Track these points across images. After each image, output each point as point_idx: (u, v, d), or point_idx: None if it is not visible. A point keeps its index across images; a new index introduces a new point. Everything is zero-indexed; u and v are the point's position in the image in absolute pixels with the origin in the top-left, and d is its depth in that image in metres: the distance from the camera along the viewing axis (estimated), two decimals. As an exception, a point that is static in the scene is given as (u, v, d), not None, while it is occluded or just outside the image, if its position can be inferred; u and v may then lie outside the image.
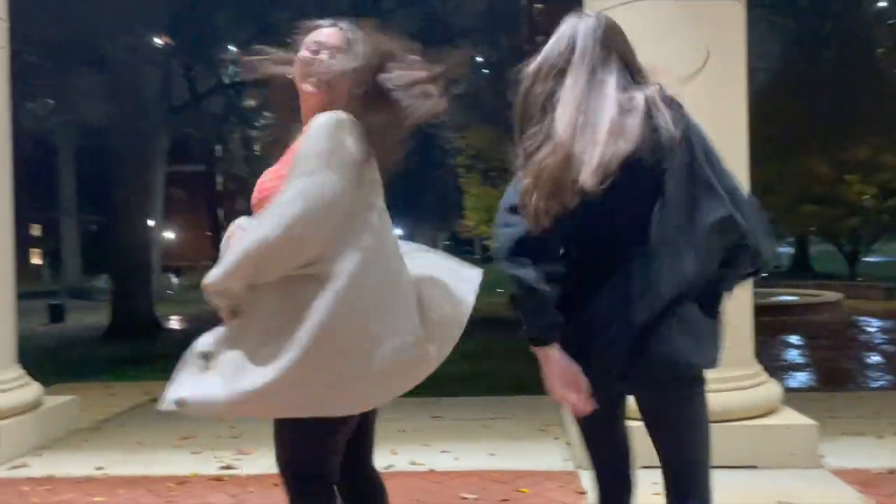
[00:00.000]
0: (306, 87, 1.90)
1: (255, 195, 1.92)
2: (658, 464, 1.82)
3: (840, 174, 19.37)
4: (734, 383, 3.77)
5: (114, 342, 12.30)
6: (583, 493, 3.42)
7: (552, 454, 4.04)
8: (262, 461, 4.09)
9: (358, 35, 1.92)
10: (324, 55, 1.89)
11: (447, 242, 51.05)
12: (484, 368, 8.26)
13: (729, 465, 3.60)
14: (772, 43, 25.90)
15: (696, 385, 1.79)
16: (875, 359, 9.83)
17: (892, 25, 20.30)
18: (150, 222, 15.44)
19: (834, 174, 19.37)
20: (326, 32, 1.94)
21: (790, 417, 3.84)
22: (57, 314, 16.83)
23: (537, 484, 3.57)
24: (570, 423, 4.17)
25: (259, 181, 1.93)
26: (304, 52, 1.92)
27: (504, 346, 9.22)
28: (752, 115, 4.03)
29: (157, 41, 15.09)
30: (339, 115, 1.78)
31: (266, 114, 29.47)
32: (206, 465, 4.09)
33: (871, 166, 19.20)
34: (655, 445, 1.81)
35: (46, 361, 9.46)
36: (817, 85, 20.14)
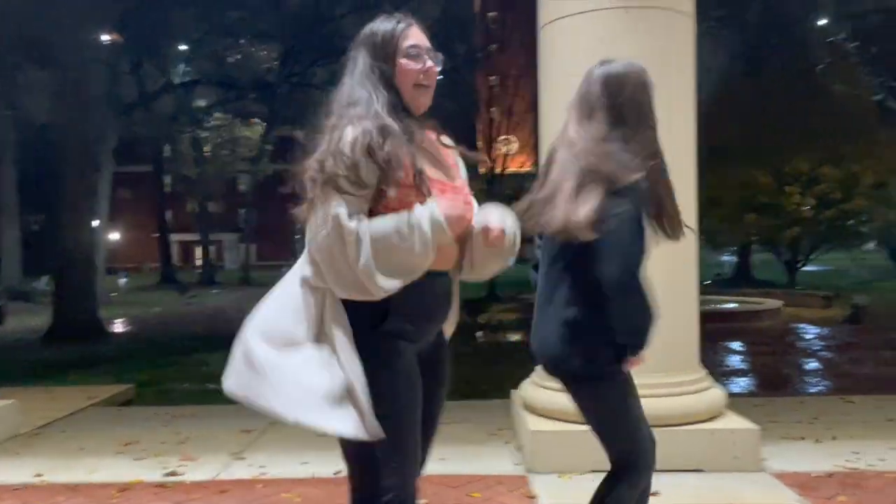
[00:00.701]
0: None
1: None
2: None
3: (781, 185, 19.96)
4: (680, 388, 3.85)
5: (55, 345, 11.97)
6: (533, 497, 3.44)
7: (503, 459, 4.06)
8: (208, 467, 4.02)
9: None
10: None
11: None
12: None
13: (675, 469, 3.68)
14: (718, 56, 26.54)
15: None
16: (813, 365, 10.13)
17: (832, 42, 20.99)
18: (95, 223, 15.05)
19: (775, 185, 19.94)
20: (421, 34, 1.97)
21: (734, 422, 3.93)
22: (-5, 316, 16.29)
23: (488, 488, 3.58)
24: (519, 427, 4.20)
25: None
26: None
27: (455, 351, 9.22)
28: (698, 125, 4.12)
29: (106, 39, 14.76)
30: None
31: (216, 114, 29.09)
32: (149, 471, 4.00)
33: (810, 178, 19.83)
34: None
35: (-16, 365, 9.16)
36: (761, 98, 20.72)
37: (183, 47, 21.45)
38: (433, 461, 3.91)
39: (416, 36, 1.91)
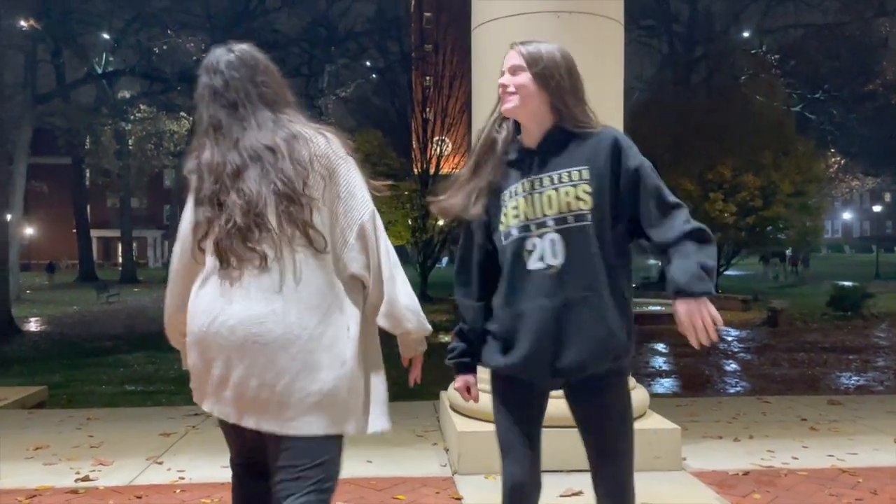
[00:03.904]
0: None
1: None
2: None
3: (705, 192, 20.58)
4: (605, 389, 3.90)
5: (-38, 344, 11.39)
6: (459, 498, 3.43)
7: (429, 460, 4.04)
8: (123, 472, 3.87)
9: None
10: None
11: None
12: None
13: (598, 469, 3.73)
14: (644, 64, 27.21)
15: None
16: (733, 366, 10.47)
17: (754, 55, 21.79)
18: (8, 217, 14.38)
19: (700, 192, 20.56)
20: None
21: (656, 422, 4.00)
22: None
23: (414, 490, 3.55)
24: (446, 428, 4.19)
25: None
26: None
27: (384, 353, 9.14)
28: (626, 131, 4.19)
29: (23, 24, 14.13)
30: None
31: (142, 106, 28.21)
32: (60, 476, 3.82)
33: (732, 186, 20.52)
34: None
35: None
36: (686, 106, 21.36)
37: (107, 36, 20.72)
38: (358, 463, 3.87)
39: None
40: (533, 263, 1.90)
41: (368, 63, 27.11)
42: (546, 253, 1.89)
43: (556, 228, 1.89)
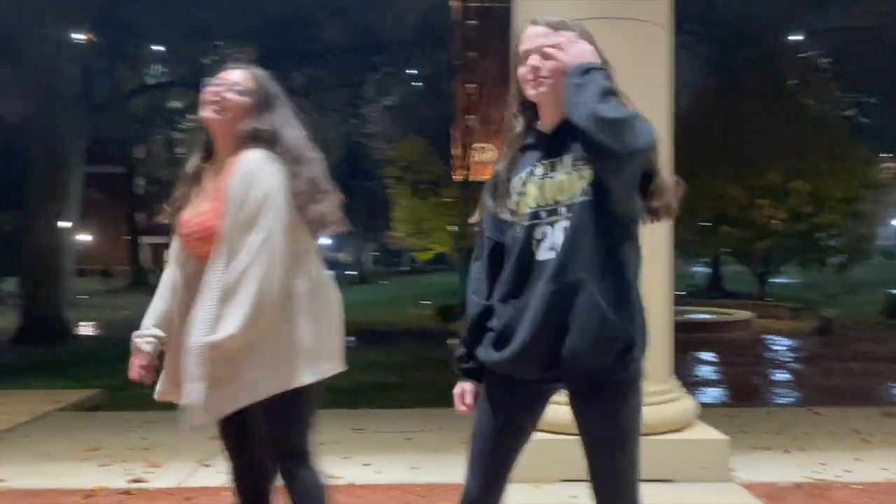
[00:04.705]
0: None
1: None
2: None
3: (753, 198, 20.21)
4: (653, 398, 3.85)
5: (21, 348, 11.77)
6: (503, 506, 3.43)
7: (461, 468, 4.04)
8: (174, 474, 3.96)
9: None
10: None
11: (375, 253, 50.72)
12: (409, 380, 8.24)
13: (646, 479, 3.69)
14: (691, 69, 26.88)
15: None
16: (782, 376, 10.25)
17: (803, 58, 21.35)
18: (65, 224, 14.82)
19: (747, 198, 20.20)
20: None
21: (703, 432, 3.95)
22: (-40, 318, 15.96)
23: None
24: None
25: None
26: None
27: (431, 357, 9.22)
28: (673, 138, 4.15)
29: (80, 37, 14.56)
30: None
31: (191, 116, 28.78)
32: (114, 477, 3.93)
33: (782, 192, 20.10)
34: None
35: (-54, 367, 8.96)
36: (735, 112, 21.00)
37: (158, 48, 21.24)
38: (403, 470, 3.89)
39: (224, 72, 2.27)
40: (542, 254, 1.77)
41: (412, 71, 27.28)
42: (557, 242, 1.75)
43: (567, 216, 1.75)
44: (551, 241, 1.76)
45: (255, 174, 2.04)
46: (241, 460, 2.33)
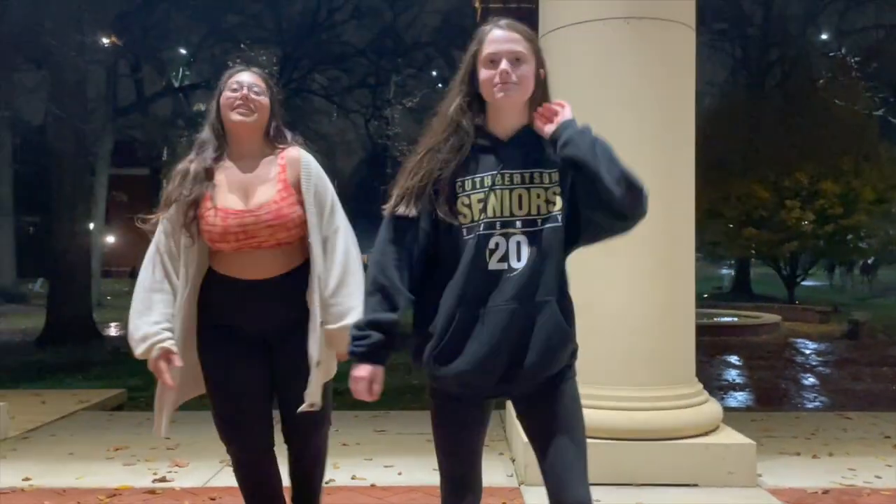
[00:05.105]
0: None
1: None
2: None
3: (781, 199, 19.95)
4: (676, 402, 3.81)
5: (48, 348, 11.89)
6: (525, 509, 3.40)
7: (496, 470, 4.02)
8: (198, 474, 3.98)
9: None
10: None
11: (396, 255, 50.82)
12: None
13: (670, 483, 3.65)
14: (718, 68, 26.59)
15: None
16: (810, 380, 10.09)
17: (832, 57, 21.03)
18: (91, 225, 15.00)
19: (775, 199, 19.94)
20: None
21: (729, 437, 3.89)
22: (-11, 318, 16.21)
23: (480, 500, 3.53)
24: (513, 438, 4.16)
25: None
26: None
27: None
28: (697, 138, 4.10)
29: (105, 41, 14.74)
30: None
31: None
32: (139, 477, 3.95)
33: (810, 193, 19.83)
34: None
35: (-25, 367, 9.09)
36: (761, 111, 20.75)
37: (183, 51, 21.47)
38: (425, 472, 3.88)
39: (238, 76, 2.34)
40: (494, 264, 1.77)
41: (434, 72, 27.32)
42: (510, 254, 1.77)
43: (522, 230, 1.78)
44: (503, 251, 1.78)
45: (322, 173, 2.35)
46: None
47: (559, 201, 1.80)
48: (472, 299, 1.77)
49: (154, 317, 2.27)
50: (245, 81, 2.32)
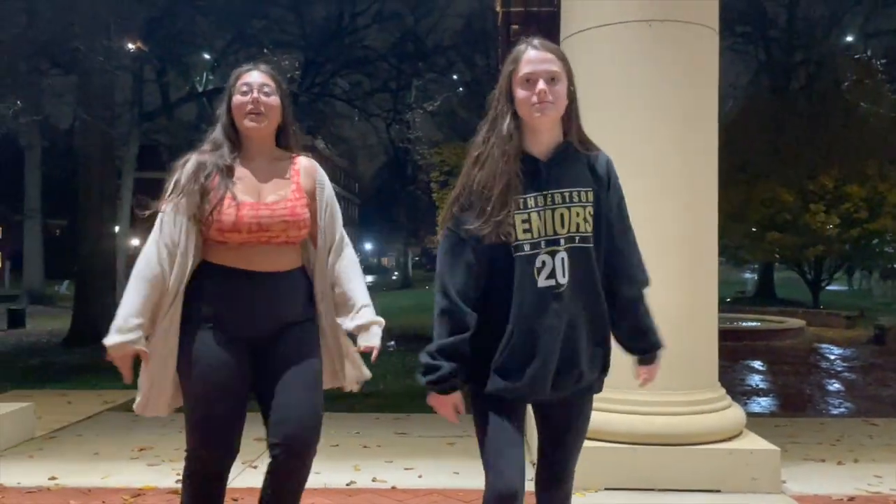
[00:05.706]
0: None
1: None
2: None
3: (805, 203, 19.71)
4: (698, 406, 3.79)
5: (74, 349, 12.04)
6: (546, 513, 3.39)
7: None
8: (222, 475, 4.01)
9: None
10: None
11: (418, 258, 50.87)
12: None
13: (692, 489, 3.62)
14: (742, 71, 26.36)
15: None
16: (836, 386, 9.96)
17: (857, 59, 20.79)
18: (116, 228, 15.18)
19: (799, 203, 19.71)
20: None
21: (753, 442, 3.86)
22: (17, 319, 16.44)
23: (501, 504, 3.53)
24: (533, 441, 4.15)
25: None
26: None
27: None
28: (720, 141, 4.07)
29: (131, 46, 14.93)
30: None
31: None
32: (163, 477, 4.00)
33: (835, 197, 19.57)
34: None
35: (3, 367, 9.22)
36: (785, 114, 20.53)
37: (207, 56, 21.68)
38: (445, 475, 3.88)
39: (247, 77, 2.37)
40: (543, 281, 1.88)
41: (455, 77, 27.35)
42: (557, 271, 1.88)
43: (566, 247, 1.89)
44: (550, 269, 1.88)
45: (328, 180, 2.45)
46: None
47: (592, 222, 1.92)
48: (526, 317, 1.87)
49: (138, 307, 2.23)
50: (255, 83, 2.33)
